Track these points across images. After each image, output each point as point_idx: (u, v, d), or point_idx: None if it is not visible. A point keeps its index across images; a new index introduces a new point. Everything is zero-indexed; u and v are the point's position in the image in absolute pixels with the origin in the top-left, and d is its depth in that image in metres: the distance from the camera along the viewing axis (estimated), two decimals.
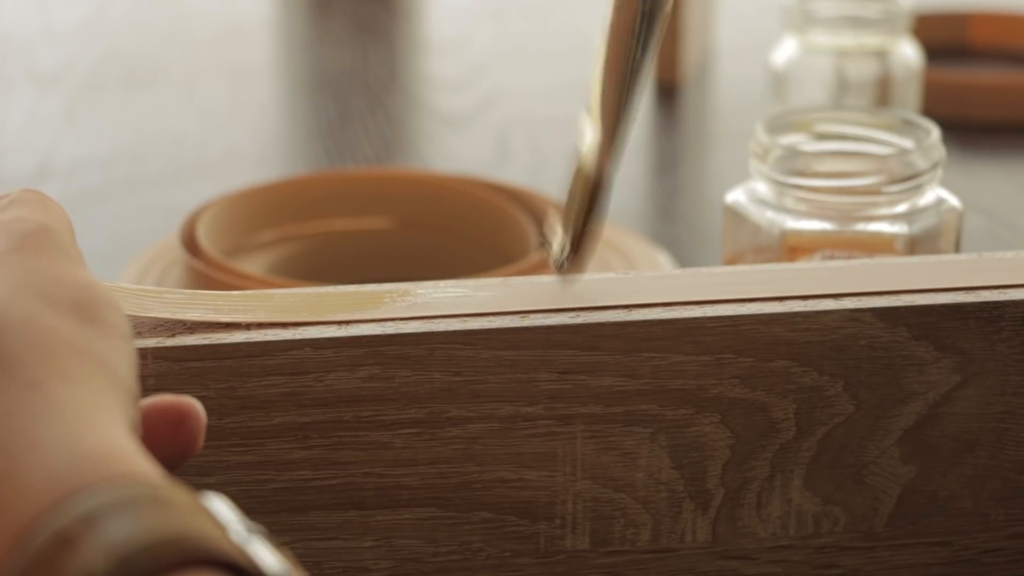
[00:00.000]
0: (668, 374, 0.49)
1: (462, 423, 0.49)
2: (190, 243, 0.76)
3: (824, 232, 0.65)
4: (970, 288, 0.51)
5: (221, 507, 0.33)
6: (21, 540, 0.31)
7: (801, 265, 0.54)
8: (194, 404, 0.41)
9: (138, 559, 0.30)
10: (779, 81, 1.00)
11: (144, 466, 0.34)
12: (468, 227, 0.82)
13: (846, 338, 0.50)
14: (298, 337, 0.47)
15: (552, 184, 0.99)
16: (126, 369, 0.38)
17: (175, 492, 0.33)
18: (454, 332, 0.48)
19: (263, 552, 0.32)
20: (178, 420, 0.41)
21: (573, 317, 0.49)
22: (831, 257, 0.65)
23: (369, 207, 0.84)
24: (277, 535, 0.40)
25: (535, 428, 0.49)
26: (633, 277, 0.52)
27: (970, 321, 0.50)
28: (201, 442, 0.41)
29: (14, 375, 0.35)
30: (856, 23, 0.98)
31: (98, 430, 0.34)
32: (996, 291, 0.51)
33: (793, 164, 0.65)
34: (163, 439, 0.41)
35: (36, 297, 0.37)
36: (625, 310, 0.49)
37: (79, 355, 0.36)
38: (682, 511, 0.51)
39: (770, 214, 0.65)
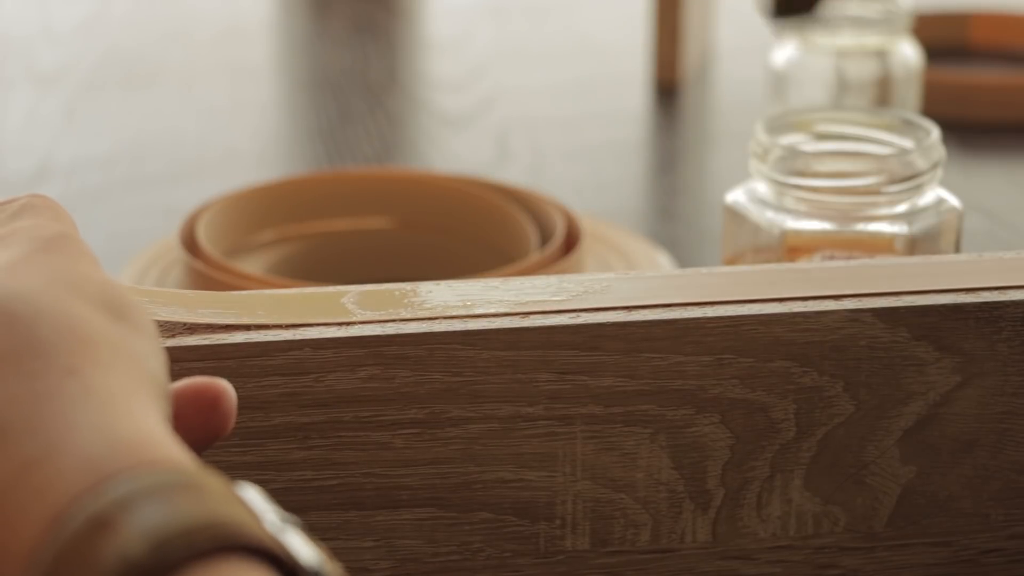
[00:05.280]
0: (668, 374, 0.49)
1: (462, 423, 0.49)
2: (190, 243, 0.76)
3: (824, 232, 0.65)
4: (970, 288, 0.51)
5: (255, 496, 0.34)
6: (56, 523, 0.31)
7: (801, 265, 0.54)
8: (227, 386, 0.41)
9: (174, 544, 0.30)
10: (779, 81, 1.00)
11: (179, 453, 0.34)
12: (468, 227, 0.82)
13: (846, 338, 0.50)
14: (298, 337, 0.47)
15: (552, 184, 0.99)
16: (156, 365, 0.38)
17: (210, 479, 0.33)
18: (454, 332, 0.48)
19: (297, 542, 0.32)
20: (212, 401, 0.41)
21: (573, 317, 0.49)
22: (831, 257, 0.65)
23: (369, 207, 0.84)
24: None
25: (535, 428, 0.49)
26: (633, 277, 0.52)
27: (970, 321, 0.50)
28: (232, 423, 0.42)
29: (50, 361, 0.35)
30: (856, 23, 0.98)
31: (133, 417, 0.34)
32: (996, 291, 0.51)
33: (793, 164, 0.65)
34: (197, 420, 0.41)
35: (69, 291, 0.37)
36: (625, 310, 0.49)
37: (113, 347, 0.36)
38: (682, 511, 0.51)
39: (770, 214, 0.65)
